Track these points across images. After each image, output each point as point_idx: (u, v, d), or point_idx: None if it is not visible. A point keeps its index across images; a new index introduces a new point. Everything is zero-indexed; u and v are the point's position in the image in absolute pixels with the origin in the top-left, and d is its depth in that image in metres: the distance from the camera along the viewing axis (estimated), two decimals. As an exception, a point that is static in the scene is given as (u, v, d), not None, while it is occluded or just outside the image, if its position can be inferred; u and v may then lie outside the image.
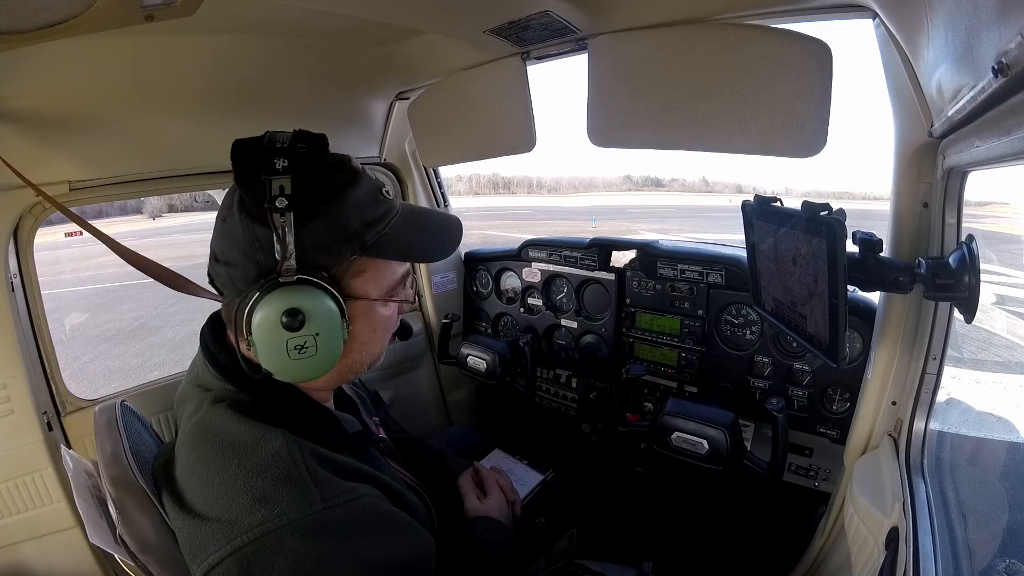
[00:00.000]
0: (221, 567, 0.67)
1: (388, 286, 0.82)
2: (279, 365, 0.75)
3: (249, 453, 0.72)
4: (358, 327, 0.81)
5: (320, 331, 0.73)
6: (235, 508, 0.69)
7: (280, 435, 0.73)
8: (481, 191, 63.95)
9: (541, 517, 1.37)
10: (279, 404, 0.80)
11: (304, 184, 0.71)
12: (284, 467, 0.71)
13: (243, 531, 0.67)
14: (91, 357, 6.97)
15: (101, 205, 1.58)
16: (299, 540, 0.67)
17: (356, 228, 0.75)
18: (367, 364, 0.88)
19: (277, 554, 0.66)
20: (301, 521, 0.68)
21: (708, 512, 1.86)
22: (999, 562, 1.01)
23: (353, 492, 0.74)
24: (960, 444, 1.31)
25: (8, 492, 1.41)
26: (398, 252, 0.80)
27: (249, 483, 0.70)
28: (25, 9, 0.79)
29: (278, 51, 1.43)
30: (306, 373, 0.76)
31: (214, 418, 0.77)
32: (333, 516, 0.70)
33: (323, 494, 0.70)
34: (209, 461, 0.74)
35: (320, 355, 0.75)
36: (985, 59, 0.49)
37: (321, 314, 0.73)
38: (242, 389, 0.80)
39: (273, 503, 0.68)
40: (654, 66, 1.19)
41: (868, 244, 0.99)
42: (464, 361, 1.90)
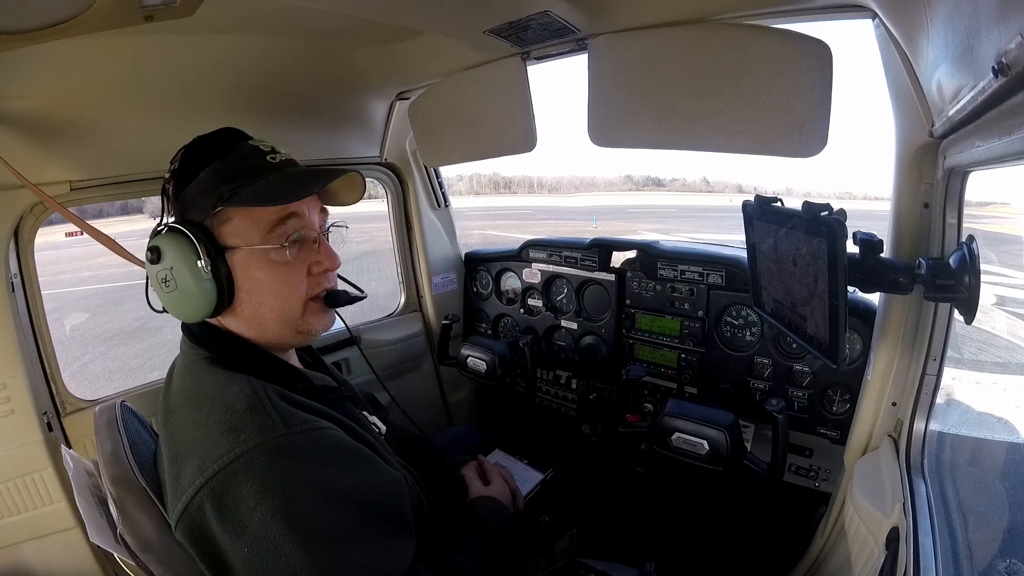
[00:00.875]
0: (196, 499, 0.72)
1: (257, 234, 0.86)
2: (164, 301, 0.89)
3: (217, 396, 0.80)
4: (238, 275, 0.87)
5: (173, 265, 0.84)
6: (206, 442, 0.75)
7: (245, 378, 0.82)
8: (482, 191, 63.95)
9: (545, 516, 1.37)
10: (241, 357, 0.88)
11: (189, 158, 0.87)
12: (248, 400, 0.78)
13: (213, 460, 0.73)
14: (91, 357, 6.96)
15: (101, 205, 1.58)
16: (265, 463, 0.72)
17: (213, 186, 0.85)
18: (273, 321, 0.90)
19: (245, 477, 0.72)
20: (265, 445, 0.73)
21: (709, 512, 1.86)
22: (999, 562, 1.01)
23: (315, 423, 0.80)
24: (960, 444, 1.31)
25: (8, 492, 1.41)
26: (253, 199, 0.85)
27: (218, 420, 0.77)
28: (25, 9, 0.79)
29: (278, 51, 1.42)
30: (184, 308, 0.87)
31: (189, 379, 0.87)
32: (295, 441, 0.76)
33: (285, 421, 0.77)
34: (185, 412, 0.82)
35: (182, 289, 0.84)
36: (985, 59, 0.49)
37: (172, 249, 0.84)
38: (210, 350, 0.88)
39: (239, 431, 0.75)
40: (654, 66, 1.19)
41: (868, 245, 0.99)
42: (464, 362, 1.90)
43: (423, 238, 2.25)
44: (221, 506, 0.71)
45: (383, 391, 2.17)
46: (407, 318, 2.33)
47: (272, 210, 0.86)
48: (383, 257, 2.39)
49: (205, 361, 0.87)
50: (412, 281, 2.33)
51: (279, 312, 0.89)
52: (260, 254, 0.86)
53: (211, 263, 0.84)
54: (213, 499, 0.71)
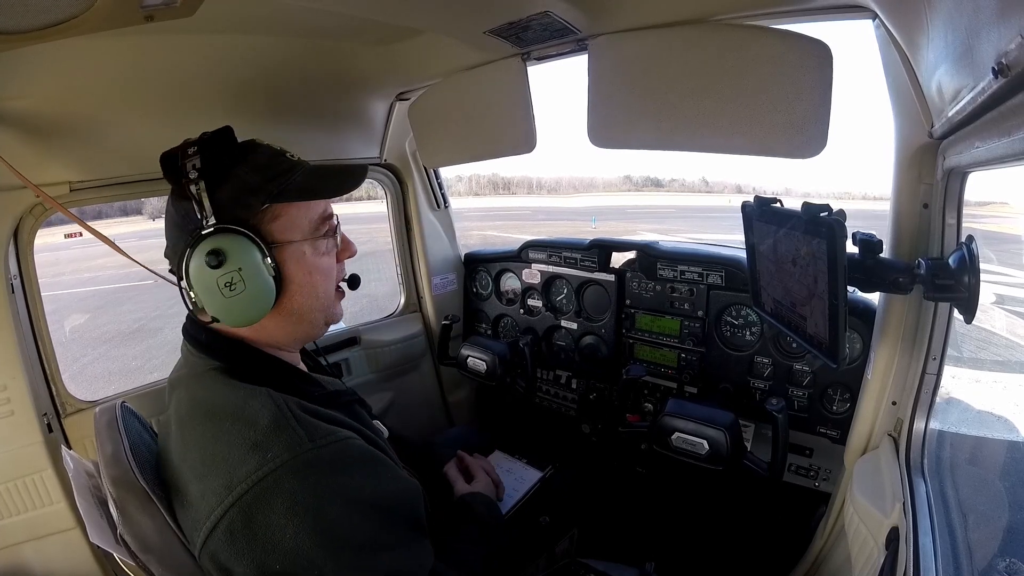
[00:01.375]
0: (226, 519, 0.72)
1: (308, 227, 0.90)
2: (220, 306, 0.83)
3: (238, 412, 0.78)
4: (291, 269, 0.88)
5: (242, 266, 0.82)
6: (231, 461, 0.74)
7: (264, 392, 0.81)
8: (481, 191, 63.92)
9: (545, 516, 1.37)
10: (256, 367, 0.88)
11: (211, 158, 0.84)
12: (272, 416, 0.77)
13: (241, 480, 0.72)
14: (91, 359, 6.96)
15: (101, 205, 1.58)
16: (293, 479, 0.72)
17: (260, 183, 0.86)
18: (316, 312, 0.94)
19: (275, 496, 0.71)
20: (293, 462, 0.73)
21: (709, 512, 1.86)
22: (999, 561, 1.01)
23: (338, 434, 0.80)
24: (960, 444, 1.31)
25: (8, 493, 1.41)
26: (302, 194, 0.89)
27: (242, 436, 0.76)
28: (25, 9, 0.79)
29: (278, 51, 1.42)
30: (247, 310, 0.84)
31: (203, 391, 0.85)
32: (321, 455, 0.76)
33: (311, 435, 0.76)
34: (204, 428, 0.80)
35: (250, 290, 0.83)
36: (985, 60, 0.49)
37: (238, 250, 0.82)
38: (222, 360, 0.87)
39: (265, 448, 0.74)
40: (654, 67, 1.19)
41: (868, 245, 0.99)
42: (464, 362, 1.90)
43: (423, 239, 2.25)
44: (251, 524, 0.71)
45: (383, 391, 2.18)
46: (407, 318, 2.33)
47: (317, 205, 0.91)
48: (383, 258, 2.39)
49: (218, 372, 0.86)
50: (412, 282, 2.33)
51: (324, 301, 0.94)
52: (310, 247, 0.90)
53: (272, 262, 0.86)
54: (243, 518, 0.71)
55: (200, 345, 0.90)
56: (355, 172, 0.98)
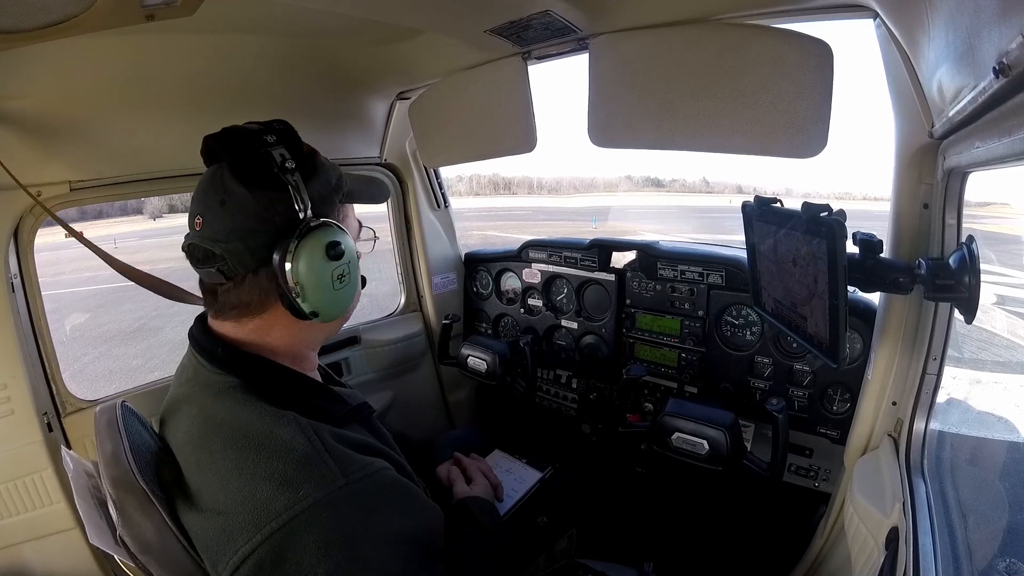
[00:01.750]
0: (254, 556, 0.69)
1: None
2: (327, 298, 0.83)
3: (265, 442, 0.75)
4: None
5: (351, 259, 0.86)
6: (259, 497, 0.71)
7: (292, 418, 0.77)
8: (481, 191, 63.93)
9: (544, 516, 1.37)
10: (282, 386, 0.85)
11: (296, 151, 0.82)
12: (302, 449, 0.74)
13: (271, 518, 0.69)
14: (92, 358, 6.97)
15: (101, 205, 1.58)
16: (326, 518, 0.70)
17: (336, 182, 0.89)
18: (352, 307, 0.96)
19: (307, 534, 0.69)
20: (326, 499, 0.70)
21: (708, 512, 1.86)
22: (999, 562, 1.01)
23: (371, 466, 0.78)
24: (960, 444, 1.31)
25: (8, 493, 1.41)
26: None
27: (270, 470, 0.72)
28: (25, 9, 0.79)
29: (278, 51, 1.42)
30: (345, 302, 0.88)
31: (223, 412, 0.80)
32: (355, 490, 0.73)
33: (343, 470, 0.74)
34: (225, 456, 0.76)
35: (352, 282, 0.87)
36: (986, 59, 0.49)
37: (348, 245, 0.85)
38: (243, 377, 0.83)
39: (296, 486, 0.71)
40: (654, 66, 1.19)
41: (868, 245, 0.99)
42: (464, 362, 1.90)
43: (423, 238, 2.24)
44: (281, 563, 0.69)
45: (383, 391, 2.18)
46: (407, 318, 2.33)
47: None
48: (383, 257, 2.39)
49: (238, 389, 0.81)
50: (412, 281, 2.33)
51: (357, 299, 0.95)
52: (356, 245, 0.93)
53: None
54: (273, 557, 0.69)
55: (217, 360, 0.85)
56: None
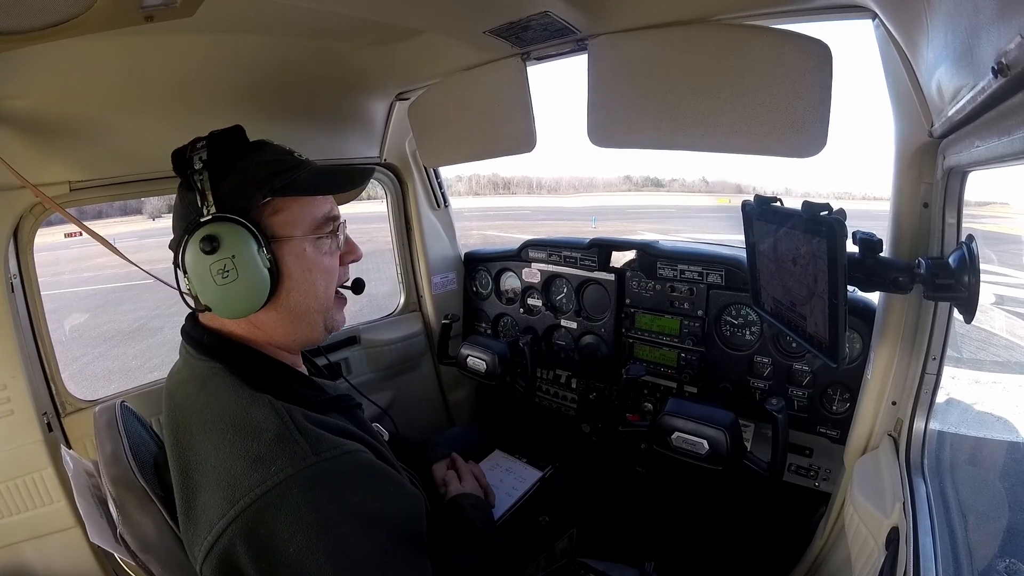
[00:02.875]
0: (227, 533, 0.70)
1: (310, 224, 0.89)
2: (212, 293, 0.84)
3: (240, 423, 0.77)
4: (290, 265, 0.87)
5: (235, 253, 0.82)
6: (233, 474, 0.73)
7: (266, 401, 0.79)
8: (481, 191, 63.96)
9: (544, 516, 1.37)
10: (259, 370, 0.86)
11: (217, 151, 0.85)
12: (275, 429, 0.75)
13: (244, 494, 0.71)
14: (91, 358, 6.96)
15: (101, 205, 1.58)
16: (297, 493, 0.71)
17: (264, 177, 0.86)
18: (314, 311, 0.92)
19: (278, 511, 0.70)
20: (297, 475, 0.72)
21: (708, 512, 1.86)
22: (999, 562, 1.01)
23: (343, 447, 0.78)
24: (960, 444, 1.31)
25: (8, 492, 1.41)
26: (306, 189, 0.89)
27: (244, 448, 0.74)
28: (25, 9, 0.79)
29: (278, 51, 1.42)
30: (239, 300, 0.84)
31: (205, 397, 0.83)
32: (326, 468, 0.74)
33: (314, 448, 0.75)
34: (204, 438, 0.78)
35: (243, 279, 0.82)
36: (985, 59, 0.49)
37: (233, 238, 0.82)
38: (224, 362, 0.85)
39: (268, 462, 0.72)
40: (654, 66, 1.19)
41: (868, 244, 0.99)
42: (464, 362, 1.90)
43: (423, 238, 2.25)
44: (254, 540, 0.70)
45: (383, 391, 2.18)
46: (407, 318, 2.33)
47: (321, 203, 0.91)
48: (383, 257, 2.38)
49: (222, 376, 0.84)
50: (412, 281, 2.33)
51: (322, 302, 0.92)
52: (312, 243, 0.89)
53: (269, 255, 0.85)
54: (245, 533, 0.70)
55: (202, 347, 0.88)
56: (359, 173, 1.00)
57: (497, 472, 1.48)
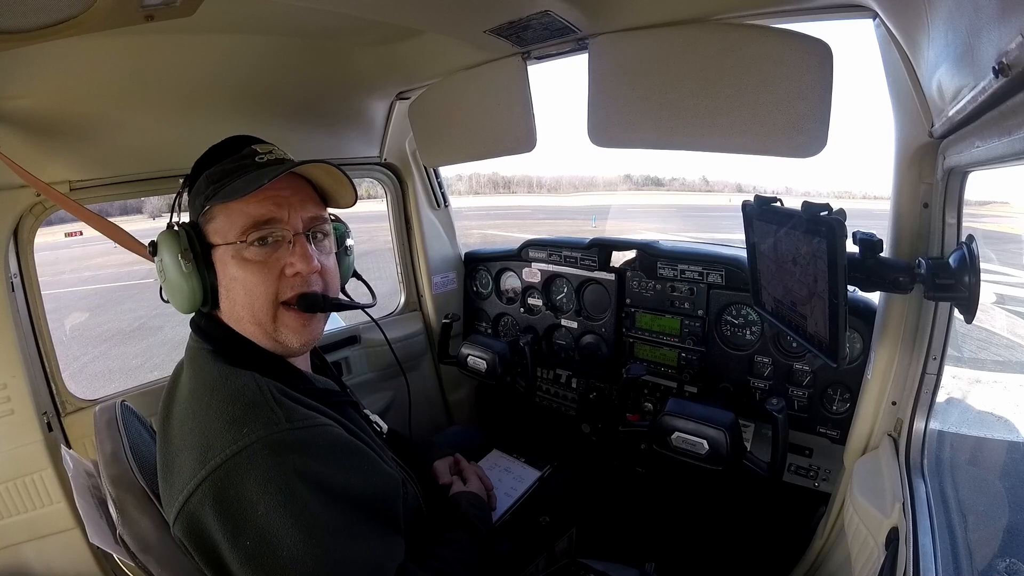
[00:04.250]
0: (198, 492, 0.72)
1: (232, 232, 0.88)
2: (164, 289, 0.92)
3: (219, 387, 0.81)
4: (219, 273, 0.90)
5: (163, 258, 0.89)
6: (208, 434, 0.76)
7: (248, 374, 0.83)
8: (481, 190, 63.88)
9: (544, 516, 1.37)
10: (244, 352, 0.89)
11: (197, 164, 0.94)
12: (252, 394, 0.79)
13: (216, 453, 0.73)
14: (91, 357, 6.97)
15: (101, 205, 1.57)
16: (268, 455, 0.73)
17: (204, 186, 0.91)
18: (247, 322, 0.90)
19: (248, 471, 0.72)
20: (269, 439, 0.74)
21: (708, 512, 1.86)
22: (999, 562, 1.01)
23: (316, 419, 0.82)
24: (960, 444, 1.31)
25: (8, 492, 1.41)
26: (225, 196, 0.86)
27: (221, 411, 0.77)
28: (25, 9, 0.79)
29: (278, 51, 1.42)
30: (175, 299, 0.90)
31: (192, 369, 0.88)
32: (298, 436, 0.77)
33: (288, 416, 0.78)
34: (186, 404, 0.83)
35: (168, 281, 0.89)
36: (985, 59, 0.49)
37: (163, 243, 0.90)
38: (214, 344, 0.90)
39: (241, 424, 0.75)
40: (654, 66, 1.19)
41: (868, 244, 0.99)
42: (464, 361, 1.90)
43: (423, 238, 2.25)
44: (223, 499, 0.71)
45: (383, 390, 2.18)
46: (407, 317, 2.33)
47: (247, 209, 0.86)
48: (383, 257, 2.39)
49: (208, 353, 0.88)
50: (412, 281, 2.33)
51: (250, 311, 0.88)
52: (234, 251, 0.88)
53: (194, 259, 0.88)
54: (215, 492, 0.72)
55: (199, 329, 0.93)
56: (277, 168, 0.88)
57: (496, 472, 1.48)
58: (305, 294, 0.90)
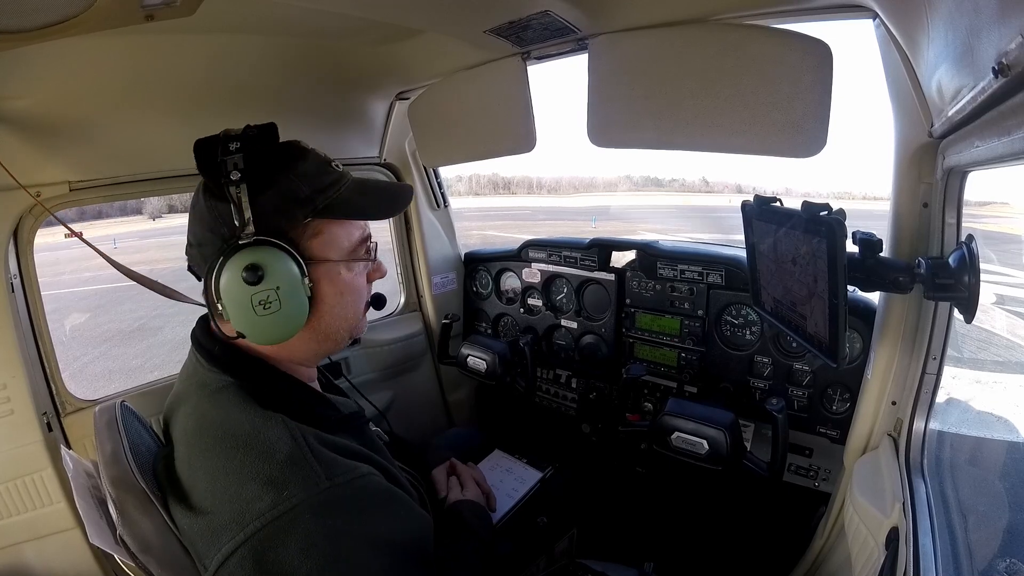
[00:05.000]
0: (236, 556, 0.69)
1: (347, 247, 0.86)
2: (250, 324, 0.79)
3: (252, 442, 0.74)
4: (324, 289, 0.84)
5: (280, 284, 0.78)
6: (244, 496, 0.71)
7: (280, 420, 0.77)
8: (481, 191, 63.95)
9: (544, 516, 1.37)
10: (274, 389, 0.84)
11: (255, 159, 0.78)
12: (288, 450, 0.74)
13: (254, 517, 0.69)
14: (91, 358, 6.97)
15: (101, 205, 1.58)
16: (309, 519, 0.69)
17: (307, 194, 0.81)
18: (343, 331, 0.91)
19: (290, 536, 0.69)
20: (310, 501, 0.70)
21: (708, 512, 1.86)
22: (999, 562, 1.01)
23: (356, 471, 0.77)
24: (960, 444, 1.31)
25: (8, 493, 1.41)
26: (349, 212, 0.85)
27: (256, 470, 0.72)
28: (25, 9, 0.79)
29: (278, 51, 1.42)
30: (277, 330, 0.80)
31: (215, 411, 0.80)
32: (339, 494, 0.73)
33: (328, 473, 0.73)
34: (214, 455, 0.76)
35: (284, 310, 0.79)
36: (985, 59, 0.49)
37: (279, 268, 0.78)
38: (238, 377, 0.83)
39: (281, 486, 0.70)
40: (654, 66, 1.19)
41: (868, 244, 0.99)
42: (464, 361, 1.90)
43: (423, 238, 2.25)
44: (263, 564, 0.68)
45: (383, 391, 2.18)
46: (407, 318, 2.33)
47: (359, 225, 0.89)
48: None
49: (231, 389, 0.81)
50: (412, 281, 2.33)
51: (351, 321, 0.92)
52: (346, 267, 0.87)
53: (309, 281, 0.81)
54: (254, 557, 0.68)
55: (213, 359, 0.85)
56: (403, 195, 0.97)
57: (497, 472, 1.48)
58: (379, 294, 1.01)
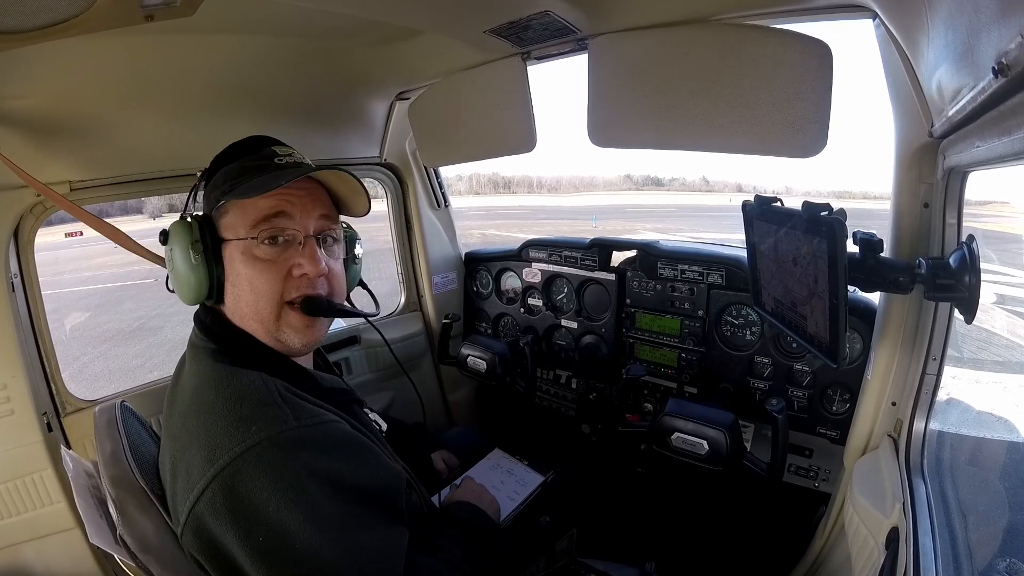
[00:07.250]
0: (208, 492, 0.72)
1: (243, 227, 0.89)
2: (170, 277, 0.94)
3: (226, 385, 0.81)
4: (228, 268, 0.91)
5: (173, 247, 0.90)
6: (215, 432, 0.76)
7: (256, 373, 0.83)
8: (481, 191, 63.95)
9: (545, 516, 1.37)
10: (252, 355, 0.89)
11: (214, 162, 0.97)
12: (259, 393, 0.80)
13: (224, 451, 0.73)
14: (91, 357, 6.97)
15: (102, 205, 1.58)
16: (276, 453, 0.73)
17: (221, 181, 0.93)
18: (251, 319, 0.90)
19: (257, 469, 0.72)
20: (277, 437, 0.75)
21: (708, 513, 1.86)
22: (999, 562, 1.01)
23: (323, 416, 0.83)
24: (960, 444, 1.31)
25: (8, 493, 1.41)
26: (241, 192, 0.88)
27: (228, 409, 0.78)
28: (25, 9, 0.79)
29: (278, 51, 1.42)
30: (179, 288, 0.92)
31: (196, 365, 0.88)
32: (306, 434, 0.78)
33: (296, 414, 0.79)
34: (191, 401, 0.83)
35: (176, 270, 0.90)
36: (985, 59, 0.49)
37: (175, 233, 0.91)
38: (219, 343, 0.90)
39: (249, 422, 0.76)
40: (654, 66, 1.19)
41: (868, 244, 0.99)
42: (464, 361, 1.90)
43: (423, 238, 2.25)
44: (233, 496, 0.72)
45: (383, 391, 2.18)
46: (407, 317, 2.33)
47: (260, 206, 0.88)
48: (383, 257, 2.38)
49: (211, 352, 0.88)
50: (412, 281, 2.33)
51: (254, 308, 0.89)
52: (243, 247, 0.89)
53: (204, 252, 0.89)
54: (225, 489, 0.72)
55: (204, 327, 0.93)
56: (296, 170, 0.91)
57: (498, 473, 1.48)
58: (310, 296, 0.91)
